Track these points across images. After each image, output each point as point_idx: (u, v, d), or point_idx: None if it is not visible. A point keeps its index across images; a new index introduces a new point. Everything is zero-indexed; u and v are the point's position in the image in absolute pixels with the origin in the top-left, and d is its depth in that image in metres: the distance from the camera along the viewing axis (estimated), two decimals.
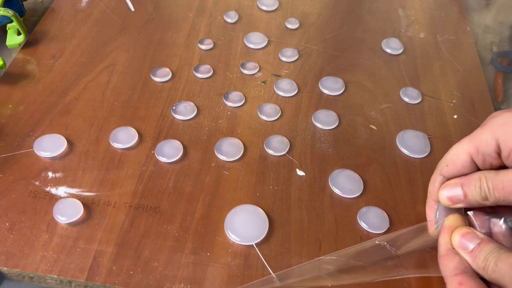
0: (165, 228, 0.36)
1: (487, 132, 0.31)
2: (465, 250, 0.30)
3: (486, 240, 0.30)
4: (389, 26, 0.56)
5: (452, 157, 0.33)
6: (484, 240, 0.30)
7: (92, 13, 0.55)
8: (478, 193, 0.31)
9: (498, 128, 0.30)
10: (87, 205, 0.37)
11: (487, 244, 0.29)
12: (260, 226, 0.36)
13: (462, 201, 0.32)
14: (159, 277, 0.33)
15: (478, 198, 0.31)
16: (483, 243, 0.29)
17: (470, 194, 0.31)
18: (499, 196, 0.30)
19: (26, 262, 0.33)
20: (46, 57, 0.49)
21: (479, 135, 0.31)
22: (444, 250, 0.31)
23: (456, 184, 0.32)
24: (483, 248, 0.29)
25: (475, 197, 0.31)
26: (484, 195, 0.31)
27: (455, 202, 0.32)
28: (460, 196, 0.32)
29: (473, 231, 0.31)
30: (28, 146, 0.40)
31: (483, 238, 0.30)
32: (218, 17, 0.55)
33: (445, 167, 0.33)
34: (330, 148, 0.42)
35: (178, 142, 0.41)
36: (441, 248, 0.31)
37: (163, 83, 0.47)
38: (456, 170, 0.33)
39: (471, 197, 0.31)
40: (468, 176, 0.32)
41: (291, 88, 0.47)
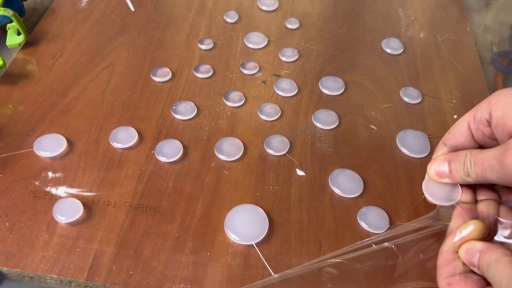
0: (165, 228, 0.36)
1: (485, 101, 0.33)
2: (473, 266, 0.30)
3: (484, 250, 0.29)
4: (389, 26, 0.56)
5: (454, 125, 0.35)
6: (482, 251, 0.29)
7: (92, 13, 0.55)
8: (461, 169, 0.33)
9: (494, 97, 0.32)
10: (87, 205, 0.37)
11: (486, 254, 0.29)
12: (260, 226, 0.36)
13: (447, 176, 0.34)
14: (159, 277, 0.33)
15: (462, 174, 0.33)
16: (482, 254, 0.29)
17: (455, 170, 0.33)
18: (478, 171, 0.32)
19: (26, 262, 0.33)
20: (46, 57, 0.49)
21: (478, 106, 0.33)
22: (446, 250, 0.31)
23: (444, 159, 0.34)
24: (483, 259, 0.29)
25: (459, 172, 0.33)
26: (467, 171, 0.33)
27: (441, 177, 0.34)
28: (446, 172, 0.34)
29: (473, 245, 0.30)
30: (28, 146, 0.40)
31: (480, 250, 0.29)
32: (218, 17, 0.55)
33: (447, 134, 0.35)
34: (330, 148, 0.42)
35: (178, 142, 0.41)
36: (443, 249, 0.32)
37: (163, 83, 0.47)
38: (454, 138, 0.35)
39: (455, 172, 0.33)
40: (456, 153, 0.34)
41: (291, 88, 0.47)
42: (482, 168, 0.31)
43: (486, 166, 0.31)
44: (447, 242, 0.31)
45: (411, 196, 0.39)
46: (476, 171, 0.32)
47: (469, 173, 0.32)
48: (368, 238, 0.36)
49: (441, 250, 0.32)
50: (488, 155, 0.31)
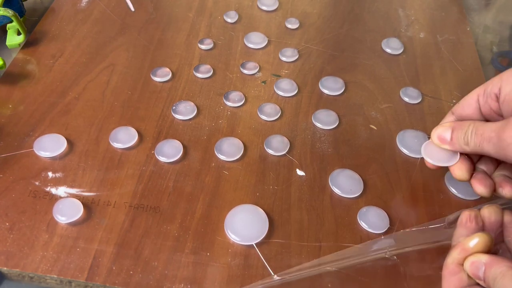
0: (165, 228, 0.36)
1: (497, 77, 0.33)
2: (479, 279, 0.30)
3: (490, 263, 0.29)
4: (389, 26, 0.56)
5: (465, 97, 0.36)
6: (488, 264, 0.29)
7: (92, 13, 0.55)
8: (462, 137, 0.34)
9: (506, 74, 0.32)
10: (87, 205, 0.37)
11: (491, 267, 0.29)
12: (260, 226, 0.36)
13: (448, 142, 0.35)
14: (159, 277, 0.33)
15: (461, 142, 0.34)
16: (487, 267, 0.29)
17: (456, 138, 0.34)
18: (477, 141, 0.32)
19: (26, 262, 0.33)
20: (46, 57, 0.49)
21: (491, 79, 0.34)
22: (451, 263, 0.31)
23: (449, 127, 0.35)
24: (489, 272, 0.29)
25: (459, 140, 0.34)
26: (467, 140, 0.33)
27: (443, 143, 0.35)
28: (448, 138, 0.35)
29: (478, 258, 0.30)
30: (28, 146, 0.40)
31: (486, 263, 0.29)
32: (218, 17, 0.55)
33: (456, 105, 0.36)
34: (330, 148, 0.42)
35: (178, 142, 0.41)
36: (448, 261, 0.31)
37: (163, 83, 0.47)
38: (462, 108, 0.36)
39: (456, 140, 0.34)
40: (461, 122, 0.35)
41: (291, 88, 0.47)
42: (481, 139, 0.32)
43: (485, 137, 0.32)
44: (452, 254, 0.31)
45: (411, 196, 0.39)
46: (475, 141, 0.32)
47: (468, 142, 0.33)
48: (370, 241, 0.35)
49: (446, 262, 0.31)
50: (489, 127, 0.32)
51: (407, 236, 0.36)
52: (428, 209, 0.38)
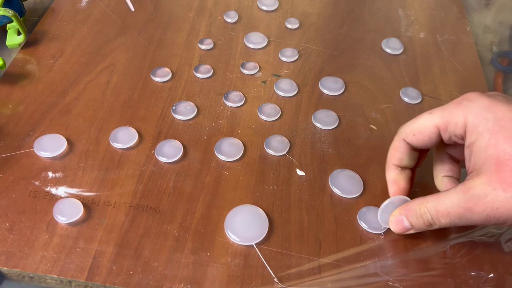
0: (165, 228, 0.36)
1: (461, 115, 0.31)
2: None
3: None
4: (389, 26, 0.56)
5: (420, 127, 0.33)
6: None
7: (92, 13, 0.55)
8: (421, 222, 0.32)
9: (471, 115, 0.30)
10: (87, 205, 0.37)
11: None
12: (260, 226, 0.36)
13: (411, 229, 0.34)
14: (159, 277, 0.33)
15: (423, 226, 0.33)
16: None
17: (415, 224, 0.33)
18: (446, 222, 0.31)
19: (26, 262, 0.33)
20: (46, 57, 0.49)
21: (451, 114, 0.32)
22: None
23: (400, 215, 0.34)
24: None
25: (420, 225, 0.33)
26: (428, 223, 0.32)
27: (407, 231, 0.34)
28: (408, 226, 0.34)
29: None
30: (28, 146, 0.40)
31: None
32: (218, 17, 0.55)
33: (412, 135, 0.34)
34: (330, 148, 0.42)
35: (178, 142, 0.41)
36: None
37: (163, 83, 0.47)
38: (422, 141, 0.34)
39: (417, 226, 0.33)
40: (407, 206, 0.33)
41: (291, 88, 0.47)
42: (450, 218, 0.30)
43: (454, 216, 0.30)
44: None
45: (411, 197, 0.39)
46: (443, 222, 0.31)
47: (432, 224, 0.32)
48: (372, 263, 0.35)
49: None
50: (451, 205, 0.30)
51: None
52: None
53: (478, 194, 0.29)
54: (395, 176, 0.36)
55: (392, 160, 0.36)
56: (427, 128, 0.33)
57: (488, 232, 0.37)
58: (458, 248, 0.36)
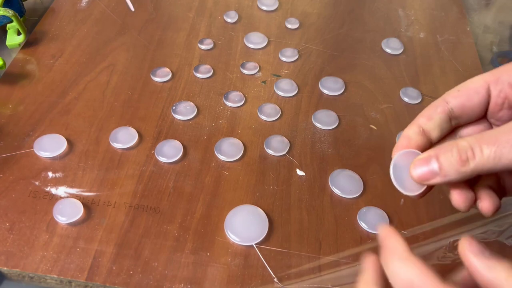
0: (165, 228, 0.36)
1: None
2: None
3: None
4: (389, 26, 0.56)
5: (466, 84, 0.28)
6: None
7: (92, 13, 0.55)
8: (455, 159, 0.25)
9: None
10: (87, 205, 0.37)
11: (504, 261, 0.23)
12: (260, 226, 0.36)
13: (437, 176, 0.26)
14: (159, 277, 0.33)
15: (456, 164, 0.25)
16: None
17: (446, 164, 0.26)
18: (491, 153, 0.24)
19: (26, 262, 0.33)
20: (46, 57, 0.49)
21: (503, 70, 0.28)
22: None
23: (429, 157, 0.27)
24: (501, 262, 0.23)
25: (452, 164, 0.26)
26: (465, 158, 0.25)
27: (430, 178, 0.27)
28: (436, 170, 0.26)
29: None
30: (28, 146, 0.40)
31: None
32: (218, 17, 0.55)
33: (456, 91, 0.28)
34: (330, 148, 0.42)
35: (178, 142, 0.41)
36: None
37: (163, 83, 0.47)
38: (466, 96, 0.28)
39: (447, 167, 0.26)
40: (441, 146, 0.26)
41: (291, 88, 0.47)
42: (496, 147, 0.24)
43: (502, 141, 0.24)
44: None
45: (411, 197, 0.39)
46: (486, 153, 0.24)
47: (469, 159, 0.25)
48: None
49: None
50: (502, 131, 0.24)
51: None
52: (428, 209, 0.38)
53: None
54: (412, 134, 0.29)
55: (419, 118, 0.29)
56: (474, 82, 0.28)
57: (489, 230, 0.37)
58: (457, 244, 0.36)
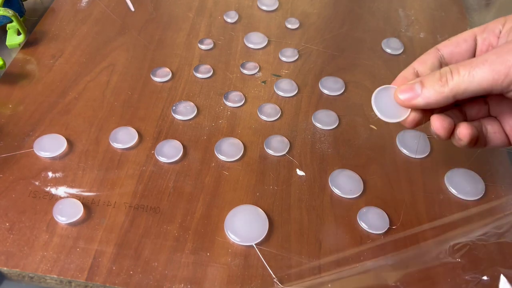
0: (165, 228, 0.36)
1: (500, 20, 0.31)
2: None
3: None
4: (389, 26, 0.56)
5: (457, 35, 0.33)
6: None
7: (92, 13, 0.55)
8: (436, 79, 0.29)
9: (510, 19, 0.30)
10: (87, 205, 0.37)
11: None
12: (260, 226, 0.36)
13: (418, 96, 0.30)
14: (159, 277, 0.33)
15: (437, 86, 0.29)
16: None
17: (429, 84, 0.29)
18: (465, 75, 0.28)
19: (26, 262, 0.33)
20: (46, 57, 0.49)
21: (490, 23, 0.31)
22: None
23: (415, 81, 0.30)
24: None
25: (434, 85, 0.29)
26: (444, 79, 0.28)
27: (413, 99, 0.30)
28: (418, 92, 0.30)
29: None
30: (28, 146, 0.40)
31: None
32: (218, 17, 0.55)
33: (447, 41, 0.33)
34: (330, 148, 0.42)
35: (178, 142, 0.41)
36: None
37: (163, 83, 0.47)
38: (455, 44, 0.32)
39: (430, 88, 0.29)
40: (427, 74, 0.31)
41: (291, 88, 0.47)
42: (471, 68, 0.27)
43: (476, 62, 0.27)
44: None
45: (411, 196, 0.39)
46: (461, 74, 0.28)
47: (448, 80, 0.28)
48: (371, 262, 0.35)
49: None
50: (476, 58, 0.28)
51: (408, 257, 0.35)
52: (428, 209, 0.38)
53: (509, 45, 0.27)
54: (408, 75, 0.32)
55: (414, 63, 0.33)
56: (464, 33, 0.32)
57: (488, 232, 0.37)
58: (458, 248, 0.36)
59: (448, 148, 0.43)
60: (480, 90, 0.28)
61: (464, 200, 0.39)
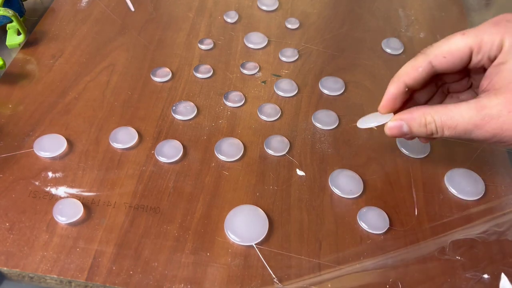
0: (165, 228, 0.36)
1: (498, 35, 0.30)
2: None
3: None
4: (389, 26, 0.56)
5: (451, 49, 0.31)
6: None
7: (92, 13, 0.55)
8: (423, 131, 0.32)
9: (510, 35, 0.29)
10: (87, 205, 0.37)
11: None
12: (260, 226, 0.36)
13: (407, 135, 0.33)
14: (159, 277, 0.33)
15: (424, 135, 0.32)
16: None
17: (416, 131, 0.32)
18: (451, 134, 0.31)
19: (26, 262, 0.33)
20: (46, 57, 0.49)
21: (487, 34, 0.30)
22: None
23: (401, 120, 0.33)
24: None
25: (421, 133, 0.32)
26: (430, 132, 0.32)
27: (402, 136, 0.34)
28: (406, 132, 0.33)
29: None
30: (28, 146, 0.40)
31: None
32: (218, 17, 0.55)
33: (442, 58, 0.31)
34: (330, 148, 0.42)
35: (178, 142, 0.41)
36: None
37: (163, 83, 0.47)
38: (452, 64, 0.31)
39: (417, 133, 0.33)
40: (410, 112, 0.33)
41: (291, 88, 0.47)
42: (455, 131, 0.30)
43: (460, 130, 0.30)
44: None
45: (411, 196, 0.39)
46: (446, 134, 0.31)
47: (435, 134, 0.31)
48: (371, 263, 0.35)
49: None
50: (462, 119, 0.30)
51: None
52: (428, 209, 0.38)
53: (492, 113, 0.29)
54: (397, 93, 0.34)
55: (404, 77, 0.33)
56: (459, 49, 0.30)
57: (488, 230, 0.37)
58: (457, 246, 0.36)
59: (448, 148, 0.43)
60: None
61: (464, 200, 0.39)
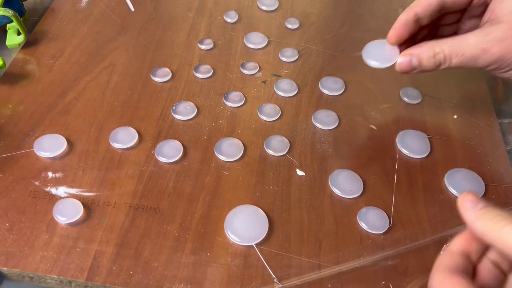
0: (165, 228, 0.36)
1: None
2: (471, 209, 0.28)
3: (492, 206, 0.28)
4: (389, 26, 0.56)
5: None
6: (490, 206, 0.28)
7: (92, 13, 0.55)
8: (432, 62, 0.34)
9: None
10: (87, 205, 0.37)
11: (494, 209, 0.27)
12: (260, 226, 0.36)
13: (416, 69, 0.35)
14: (159, 277, 0.33)
15: (433, 66, 0.34)
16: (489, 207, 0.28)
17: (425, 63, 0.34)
18: (457, 62, 0.32)
19: (26, 262, 0.33)
20: (46, 57, 0.49)
21: None
22: None
23: (411, 55, 0.35)
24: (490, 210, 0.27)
25: (430, 65, 0.34)
26: (438, 62, 0.33)
27: (411, 71, 0.35)
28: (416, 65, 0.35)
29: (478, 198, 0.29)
30: (28, 146, 0.40)
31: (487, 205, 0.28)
32: (218, 17, 0.55)
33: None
34: (330, 148, 0.42)
35: (178, 142, 0.41)
36: None
37: (163, 83, 0.47)
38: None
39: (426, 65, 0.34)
40: (420, 47, 0.34)
41: (291, 88, 0.47)
42: (462, 59, 0.32)
43: (467, 56, 0.32)
44: None
45: (411, 196, 0.39)
46: (454, 61, 0.32)
47: (442, 63, 0.33)
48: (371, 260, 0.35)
49: None
50: (468, 46, 0.32)
51: None
52: (428, 209, 0.38)
53: (498, 36, 0.30)
54: (407, 20, 0.37)
55: (416, 8, 0.37)
56: None
57: None
58: None
59: (448, 148, 0.43)
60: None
61: None
